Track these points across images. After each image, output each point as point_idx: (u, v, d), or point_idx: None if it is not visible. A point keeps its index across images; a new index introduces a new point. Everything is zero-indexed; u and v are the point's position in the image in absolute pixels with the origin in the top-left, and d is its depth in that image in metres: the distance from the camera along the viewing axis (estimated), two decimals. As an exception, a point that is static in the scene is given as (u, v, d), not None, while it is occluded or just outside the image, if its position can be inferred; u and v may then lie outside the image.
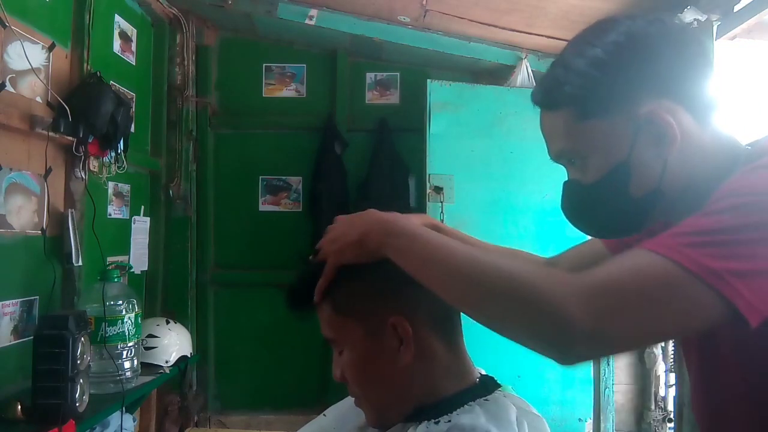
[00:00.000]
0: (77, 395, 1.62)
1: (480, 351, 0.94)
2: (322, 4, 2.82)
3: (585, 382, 2.84)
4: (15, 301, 1.86)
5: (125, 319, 1.99)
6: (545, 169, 0.84)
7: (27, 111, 1.87)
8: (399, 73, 3.20)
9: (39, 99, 1.96)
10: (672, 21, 0.76)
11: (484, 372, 0.86)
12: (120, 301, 2.00)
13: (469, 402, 0.78)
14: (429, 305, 0.79)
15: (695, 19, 2.00)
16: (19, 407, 1.59)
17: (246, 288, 3.17)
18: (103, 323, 1.93)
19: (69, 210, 2.09)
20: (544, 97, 0.79)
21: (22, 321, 1.88)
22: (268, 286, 3.12)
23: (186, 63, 3.01)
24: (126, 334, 1.98)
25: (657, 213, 0.77)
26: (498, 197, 2.79)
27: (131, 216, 2.66)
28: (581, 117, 0.74)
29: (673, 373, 2.73)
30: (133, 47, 2.67)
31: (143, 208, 2.77)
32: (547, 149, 0.81)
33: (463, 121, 2.79)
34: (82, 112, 2.00)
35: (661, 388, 2.90)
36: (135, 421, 2.49)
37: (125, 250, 2.62)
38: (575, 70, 0.74)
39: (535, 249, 3.08)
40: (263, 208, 3.17)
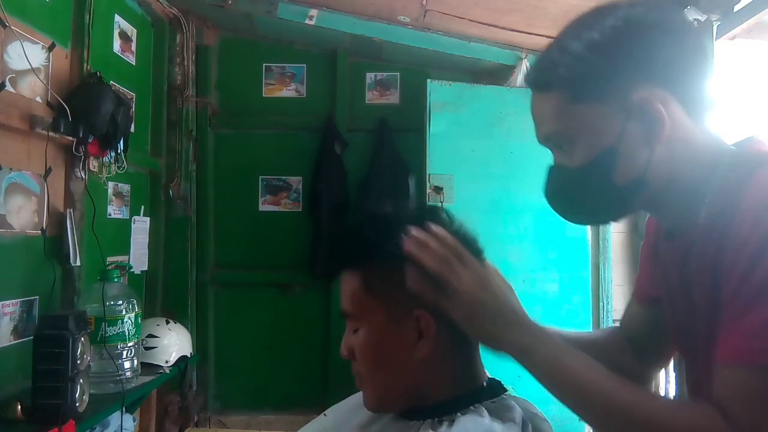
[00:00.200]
0: (77, 395, 1.62)
1: (479, 350, 0.94)
2: (322, 4, 2.82)
3: (585, 382, 2.83)
4: (15, 301, 1.86)
5: (125, 319, 1.99)
6: (545, 169, 0.83)
7: (27, 111, 1.87)
8: (399, 73, 3.20)
9: (39, 99, 1.96)
10: (673, 11, 0.75)
11: (490, 375, 0.86)
12: (120, 301, 2.00)
13: (475, 404, 0.78)
14: None
15: (695, 19, 2.00)
16: (19, 407, 1.59)
17: (246, 288, 3.16)
18: (103, 323, 1.93)
19: (68, 210, 2.09)
20: (537, 78, 0.78)
21: (22, 321, 1.88)
22: (268, 286, 3.13)
23: (186, 63, 3.01)
24: (126, 334, 1.98)
25: (639, 204, 0.78)
26: (498, 197, 2.79)
27: (131, 216, 2.66)
28: (573, 100, 0.74)
29: (674, 374, 2.73)
30: (133, 47, 2.67)
31: (143, 208, 2.77)
32: (536, 132, 0.80)
33: (463, 121, 2.79)
34: (82, 112, 2.00)
35: (662, 388, 2.90)
36: (135, 421, 2.50)
37: (125, 250, 2.62)
38: (571, 52, 0.74)
39: (535, 249, 3.07)
40: (263, 208, 3.17)
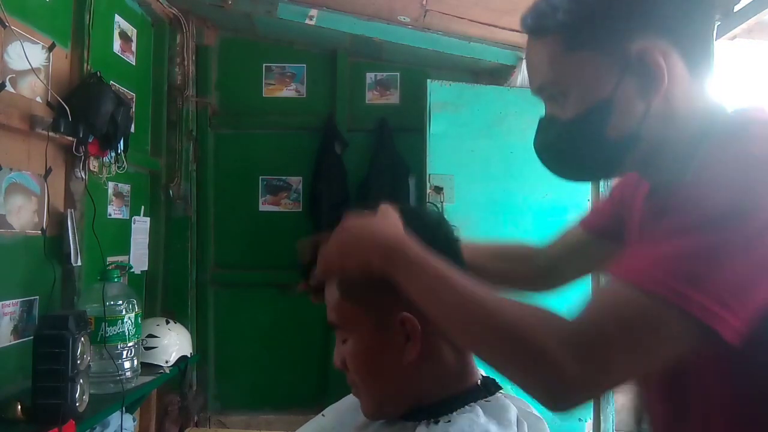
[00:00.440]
0: (77, 395, 1.62)
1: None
2: (322, 4, 2.82)
3: (585, 382, 2.84)
4: (15, 301, 1.86)
5: (125, 319, 1.99)
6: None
7: (27, 111, 1.87)
8: (399, 73, 3.20)
9: (39, 99, 1.96)
10: None
11: (484, 373, 0.86)
12: (120, 301, 2.00)
13: (470, 403, 0.78)
14: None
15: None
16: (19, 407, 1.58)
17: (246, 288, 3.16)
18: (103, 323, 1.93)
19: (69, 210, 2.09)
20: (534, 22, 0.74)
21: (22, 321, 1.88)
22: (268, 286, 3.13)
23: (186, 63, 3.01)
24: (126, 334, 1.98)
25: (630, 162, 0.74)
26: (498, 197, 2.79)
27: (131, 216, 2.66)
28: (569, 47, 0.70)
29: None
30: (133, 47, 2.67)
31: (143, 208, 2.77)
32: (529, 82, 0.77)
33: (463, 121, 2.79)
34: (82, 112, 2.00)
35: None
36: (135, 421, 2.50)
37: (125, 250, 2.62)
38: None
39: (535, 249, 3.04)
40: (263, 208, 3.17)
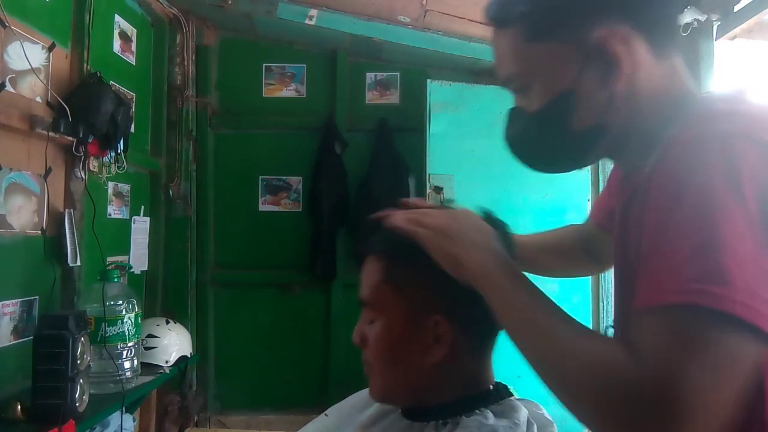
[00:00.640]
0: (77, 395, 1.62)
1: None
2: (322, 4, 2.82)
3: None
4: (15, 301, 1.86)
5: (125, 319, 1.98)
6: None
7: (27, 111, 1.87)
8: (399, 73, 3.20)
9: (39, 99, 1.96)
10: None
11: (496, 380, 0.86)
12: (120, 301, 2.00)
13: (481, 408, 0.78)
14: (478, 323, 0.77)
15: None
16: (19, 407, 1.58)
17: (246, 288, 3.16)
18: (103, 323, 1.93)
19: (68, 210, 2.08)
20: (496, 13, 0.73)
21: (22, 321, 1.88)
22: (268, 286, 3.13)
23: (186, 63, 3.01)
24: (126, 334, 1.98)
25: (600, 151, 0.73)
26: (498, 197, 2.78)
27: (131, 216, 2.66)
28: (529, 38, 0.69)
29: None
30: (133, 47, 2.67)
31: (143, 208, 2.77)
32: (497, 73, 0.75)
33: (463, 121, 2.79)
34: (82, 112, 2.00)
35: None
36: (135, 421, 2.50)
37: (125, 250, 2.62)
38: None
39: (535, 249, 3.04)
40: (263, 208, 3.17)
